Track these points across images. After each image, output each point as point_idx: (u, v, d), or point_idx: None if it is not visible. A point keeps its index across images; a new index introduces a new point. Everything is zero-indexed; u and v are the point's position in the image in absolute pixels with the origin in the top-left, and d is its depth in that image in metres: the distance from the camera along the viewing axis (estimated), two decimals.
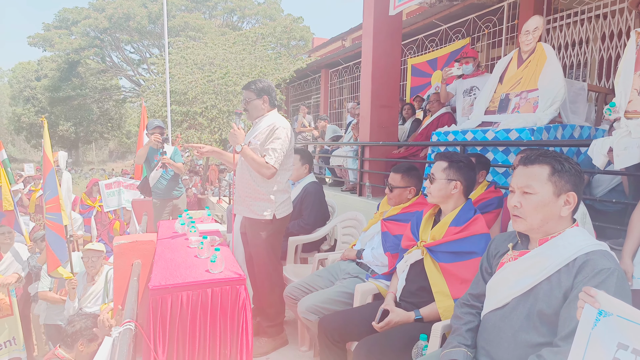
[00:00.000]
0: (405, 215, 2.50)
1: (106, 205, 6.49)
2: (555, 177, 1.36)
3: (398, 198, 2.60)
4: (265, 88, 2.74)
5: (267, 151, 2.61)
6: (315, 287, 2.60)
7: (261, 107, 2.74)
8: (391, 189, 2.60)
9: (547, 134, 3.04)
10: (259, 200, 2.70)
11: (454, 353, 1.48)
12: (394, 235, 2.46)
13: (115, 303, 2.53)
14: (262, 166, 2.58)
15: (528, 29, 3.40)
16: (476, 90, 4.41)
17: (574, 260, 1.30)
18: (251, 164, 2.60)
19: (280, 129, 2.65)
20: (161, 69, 12.98)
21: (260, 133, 2.69)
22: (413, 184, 2.58)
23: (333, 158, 6.20)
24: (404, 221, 2.45)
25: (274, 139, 2.62)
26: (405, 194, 2.58)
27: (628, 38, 2.40)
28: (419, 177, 2.63)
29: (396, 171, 2.61)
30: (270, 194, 2.70)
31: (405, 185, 2.57)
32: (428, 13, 7.26)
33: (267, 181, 2.68)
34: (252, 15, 25.88)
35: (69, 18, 24.22)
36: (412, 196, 2.59)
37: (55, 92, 24.58)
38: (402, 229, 2.43)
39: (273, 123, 2.68)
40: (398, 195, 2.60)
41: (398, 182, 2.58)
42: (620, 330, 1.00)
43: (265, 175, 2.62)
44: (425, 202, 2.55)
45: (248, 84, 2.77)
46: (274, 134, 2.63)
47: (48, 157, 4.10)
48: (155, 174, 4.90)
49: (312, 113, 12.35)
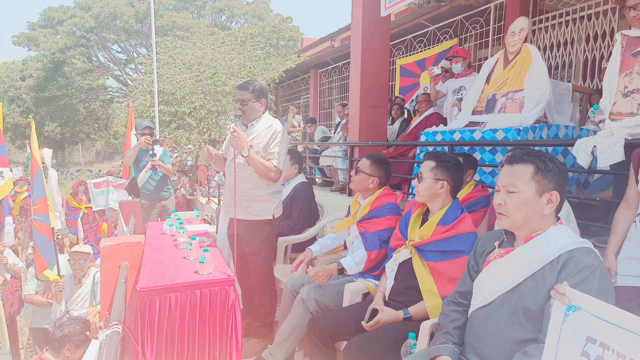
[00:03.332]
0: (375, 212, 2.49)
1: (94, 204, 6.42)
2: (539, 176, 1.38)
3: (360, 183, 2.57)
4: (263, 90, 2.71)
5: (272, 155, 2.62)
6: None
7: (259, 109, 2.72)
8: (357, 171, 2.58)
9: (532, 134, 3.09)
10: (258, 202, 2.70)
11: (442, 350, 1.50)
12: (372, 233, 2.44)
13: (103, 306, 2.50)
14: (271, 170, 2.59)
15: (514, 30, 3.45)
16: (463, 91, 4.46)
17: (558, 257, 1.33)
18: (258, 168, 2.58)
19: (281, 132, 2.67)
20: (149, 69, 12.87)
21: (259, 136, 2.67)
22: (378, 175, 2.55)
23: (322, 158, 6.21)
24: (377, 217, 2.46)
25: (278, 142, 2.63)
26: (367, 182, 2.56)
27: (612, 39, 2.45)
28: (388, 171, 2.61)
29: (368, 157, 2.61)
30: (268, 195, 2.71)
31: (370, 173, 2.55)
32: (416, 14, 7.31)
33: (267, 184, 2.68)
34: (241, 15, 25.77)
35: (55, 17, 23.84)
36: (373, 187, 2.56)
37: (40, 92, 24.18)
38: (377, 224, 2.44)
39: (272, 125, 2.68)
40: (360, 181, 2.57)
41: (365, 168, 2.57)
42: (589, 324, 1.04)
43: (273, 178, 2.62)
44: (391, 194, 2.57)
45: (245, 85, 2.70)
46: (276, 137, 2.64)
47: (35, 157, 4.04)
48: (144, 175, 4.85)
49: (302, 113, 12.35)
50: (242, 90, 2.68)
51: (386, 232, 2.41)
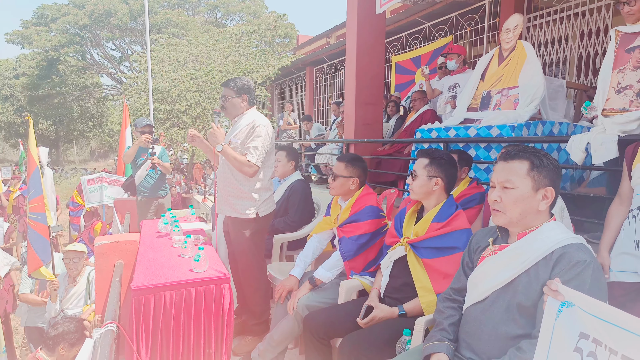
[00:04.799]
0: (356, 216, 2.45)
1: (88, 201, 6.38)
2: (534, 172, 1.39)
3: (340, 188, 2.53)
4: (244, 86, 2.71)
5: (248, 149, 2.59)
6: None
7: (240, 105, 2.72)
8: (334, 177, 2.53)
9: (527, 131, 3.10)
10: (242, 199, 2.68)
11: (437, 346, 1.50)
12: (349, 238, 2.41)
13: (97, 304, 2.49)
14: (244, 164, 2.57)
15: (508, 27, 3.46)
16: (458, 88, 4.46)
17: (551, 253, 1.33)
18: (233, 163, 2.58)
19: (260, 126, 2.63)
20: (143, 67, 12.77)
21: (240, 132, 2.67)
22: (356, 175, 2.51)
23: (318, 155, 6.21)
24: (357, 220, 2.42)
25: (255, 137, 2.60)
26: (348, 185, 2.51)
27: (606, 36, 2.46)
28: (364, 168, 2.57)
29: (340, 160, 2.56)
30: (253, 192, 2.68)
31: (348, 175, 2.50)
32: (411, 11, 7.31)
33: (250, 179, 2.66)
34: (236, 12, 25.66)
35: (48, 15, 23.63)
36: (354, 187, 2.52)
37: (34, 90, 23.99)
38: (356, 229, 2.41)
39: (253, 121, 2.66)
40: (340, 185, 2.52)
41: (341, 171, 2.51)
42: (582, 320, 1.05)
43: (248, 173, 2.60)
44: (370, 194, 2.53)
45: (227, 82, 2.73)
46: (254, 132, 2.61)
47: (32, 156, 4.02)
48: (141, 173, 4.85)
49: (297, 111, 12.33)
50: (224, 87, 2.72)
51: (365, 236, 2.39)
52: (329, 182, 2.57)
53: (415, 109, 5.07)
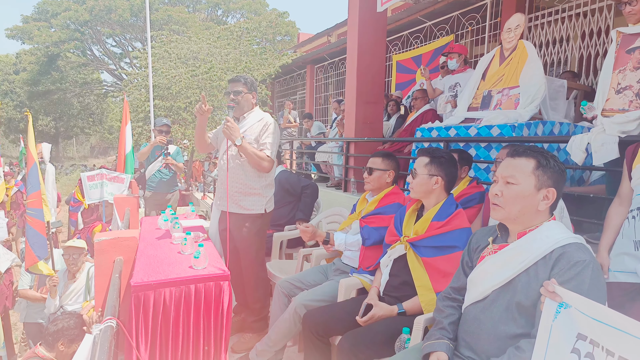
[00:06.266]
0: (382, 209, 2.49)
1: (88, 197, 6.37)
2: (539, 172, 1.39)
3: (377, 181, 2.57)
4: (254, 83, 2.78)
5: (264, 145, 2.65)
6: (307, 282, 2.60)
7: (251, 101, 2.78)
8: (370, 172, 2.57)
9: (527, 131, 3.10)
10: (250, 196, 2.71)
11: (437, 345, 1.51)
12: (373, 227, 2.45)
13: (97, 301, 2.49)
14: (264, 159, 2.61)
15: (510, 27, 3.45)
16: (459, 87, 4.46)
17: (550, 253, 1.34)
18: (251, 158, 2.60)
19: (273, 124, 2.71)
20: (144, 63, 12.74)
21: (251, 128, 2.71)
22: (392, 168, 2.57)
23: (318, 154, 6.21)
24: (382, 213, 2.46)
25: (269, 133, 2.67)
26: (385, 177, 2.56)
27: (607, 36, 2.46)
28: (398, 163, 2.63)
29: (376, 155, 2.62)
30: (262, 189, 2.72)
31: (385, 168, 2.55)
32: (413, 10, 7.29)
33: (260, 176, 2.70)
34: (237, 9, 25.62)
35: (49, 10, 23.57)
36: (390, 180, 2.57)
37: (34, 86, 23.97)
38: (381, 220, 2.44)
39: (263, 118, 2.73)
40: (377, 179, 2.57)
41: (378, 165, 2.57)
42: (579, 322, 1.05)
43: (266, 168, 2.65)
44: (398, 192, 2.57)
45: (237, 77, 2.76)
46: (267, 129, 2.68)
47: (31, 151, 4.01)
48: (152, 168, 5.04)
49: (298, 109, 12.31)
50: (234, 83, 2.74)
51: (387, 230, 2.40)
52: (365, 178, 2.61)
53: (416, 108, 5.06)
